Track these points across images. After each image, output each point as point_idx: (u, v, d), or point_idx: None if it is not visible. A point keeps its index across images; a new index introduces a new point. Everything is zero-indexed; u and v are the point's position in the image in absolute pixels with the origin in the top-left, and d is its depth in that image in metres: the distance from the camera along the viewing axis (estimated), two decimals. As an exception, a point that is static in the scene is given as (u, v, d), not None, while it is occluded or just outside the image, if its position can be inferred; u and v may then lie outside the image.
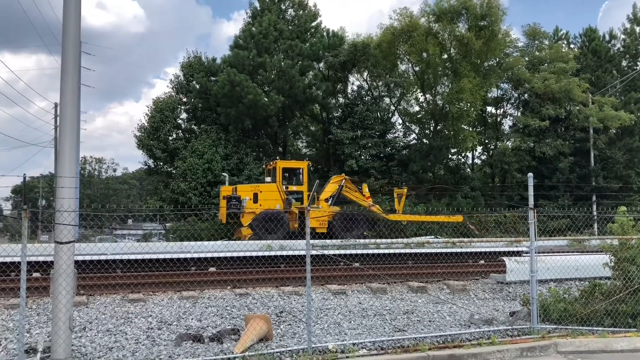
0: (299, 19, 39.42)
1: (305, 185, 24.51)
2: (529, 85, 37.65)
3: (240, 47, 36.52)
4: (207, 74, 37.90)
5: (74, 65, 6.75)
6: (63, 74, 6.69)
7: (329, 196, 24.45)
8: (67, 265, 6.49)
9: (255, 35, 36.11)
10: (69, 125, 6.69)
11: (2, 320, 8.14)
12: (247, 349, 6.97)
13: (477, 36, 34.17)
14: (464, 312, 9.43)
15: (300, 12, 39.66)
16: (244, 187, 24.62)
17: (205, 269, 11.93)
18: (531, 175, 8.72)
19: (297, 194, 24.24)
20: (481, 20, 34.97)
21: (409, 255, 13.90)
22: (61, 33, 6.77)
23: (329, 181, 25.70)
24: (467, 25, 35.64)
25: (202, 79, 37.16)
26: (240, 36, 37.94)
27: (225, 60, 37.33)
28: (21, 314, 6.26)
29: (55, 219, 6.50)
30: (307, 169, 24.95)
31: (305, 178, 24.66)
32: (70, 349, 6.52)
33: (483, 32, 34.59)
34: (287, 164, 26.01)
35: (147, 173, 41.28)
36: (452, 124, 36.04)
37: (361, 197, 25.26)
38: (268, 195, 23.36)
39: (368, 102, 38.39)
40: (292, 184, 24.49)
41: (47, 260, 10.51)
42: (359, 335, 7.86)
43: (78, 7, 6.80)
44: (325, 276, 11.38)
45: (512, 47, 40.09)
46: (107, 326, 7.99)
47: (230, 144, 35.41)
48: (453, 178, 37.83)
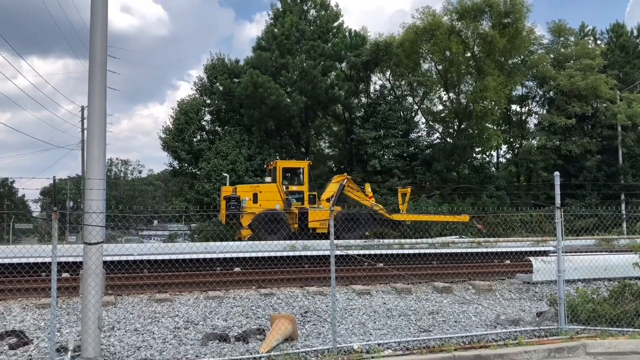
0: (320, 19, 39.48)
1: (306, 186, 24.05)
2: (555, 83, 37.13)
3: (263, 48, 36.72)
4: (231, 75, 38.20)
5: (101, 69, 6.87)
6: (91, 78, 6.82)
7: (330, 196, 24.14)
8: (95, 266, 6.61)
9: (278, 36, 36.27)
10: (97, 129, 6.81)
11: (34, 320, 8.31)
12: (272, 348, 7.00)
13: (501, 34, 33.81)
14: (490, 312, 9.34)
15: (322, 12, 39.73)
16: (244, 187, 24.31)
17: (230, 269, 12.01)
18: (557, 174, 8.60)
19: (297, 194, 23.81)
20: (505, 18, 34.59)
21: (434, 256, 13.82)
22: (87, 37, 6.90)
23: (330, 181, 25.45)
24: (491, 23, 35.29)
25: (225, 80, 37.45)
26: (262, 37, 38.17)
27: (248, 61, 37.59)
28: (52, 314, 6.38)
29: (84, 220, 6.61)
30: (307, 169, 24.47)
31: (306, 178, 24.19)
32: (100, 348, 6.63)
33: (507, 30, 34.20)
34: (288, 163, 25.55)
35: (172, 174, 41.79)
36: (476, 123, 35.71)
37: (363, 196, 24.88)
38: (268, 196, 23.01)
39: (391, 102, 38.25)
40: (293, 184, 24.10)
41: (76, 260, 10.70)
42: (384, 335, 7.84)
43: (105, 11, 6.92)
44: (349, 276, 11.37)
45: (537, 45, 39.61)
46: (134, 326, 8.10)
47: (253, 145, 35.62)
48: (478, 177, 37.48)
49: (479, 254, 14.14)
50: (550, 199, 14.73)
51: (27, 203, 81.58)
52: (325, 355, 6.91)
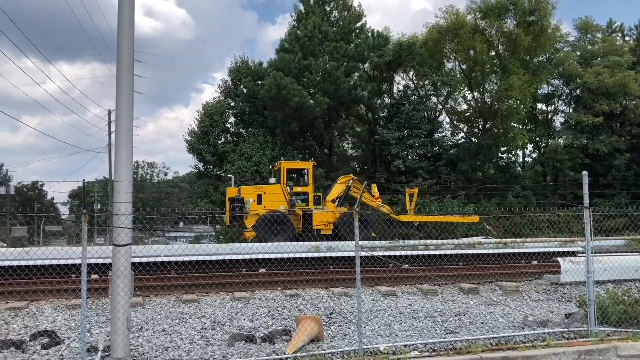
0: (343, 20, 39.51)
1: (311, 186, 23.82)
2: (581, 81, 36.54)
3: (286, 50, 36.89)
4: (254, 78, 38.47)
5: (129, 74, 6.97)
6: (118, 83, 6.92)
7: (335, 197, 23.85)
8: (124, 267, 6.70)
9: (301, 38, 36.41)
10: (125, 132, 6.91)
11: (65, 320, 8.47)
12: (298, 349, 7.03)
13: (526, 32, 33.42)
14: (517, 313, 9.24)
15: (344, 13, 39.76)
16: (248, 188, 24.17)
17: (256, 270, 12.08)
18: (586, 174, 8.47)
19: (302, 195, 23.59)
20: (530, 16, 34.18)
21: (460, 257, 13.71)
22: (114, 41, 7.02)
23: (336, 182, 25.18)
24: (515, 21, 34.91)
25: (249, 83, 37.72)
26: (285, 39, 38.35)
27: (271, 63, 37.80)
28: (83, 314, 6.50)
29: (112, 222, 6.71)
30: (312, 170, 24.23)
31: (310, 179, 23.97)
32: (129, 349, 6.72)
33: (532, 28, 33.80)
34: (292, 164, 25.34)
35: (198, 176, 42.23)
36: (501, 122, 35.35)
37: (370, 197, 24.50)
38: (272, 197, 22.73)
39: (414, 102, 38.08)
40: (298, 185, 23.89)
41: (105, 262, 10.87)
42: (410, 336, 7.81)
43: (132, 17, 7.03)
44: (374, 277, 11.34)
45: (563, 42, 39.10)
46: (162, 326, 8.20)
47: (277, 147, 35.80)
48: (503, 177, 37.08)
49: (505, 255, 14.00)
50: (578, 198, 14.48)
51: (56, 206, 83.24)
52: (351, 356, 6.91)
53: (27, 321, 8.36)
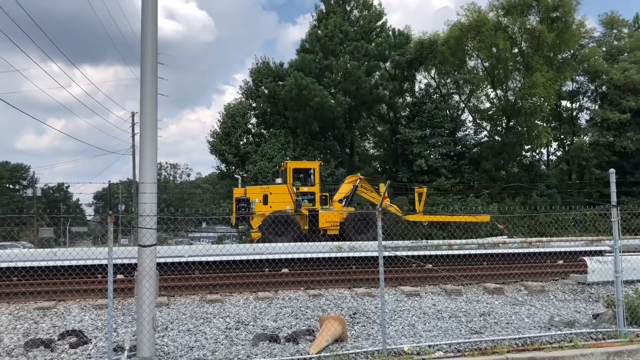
0: (363, 19, 39.47)
1: (317, 186, 23.55)
2: (607, 77, 35.94)
3: (307, 50, 36.96)
4: (275, 78, 38.61)
5: (152, 76, 7.05)
6: (142, 85, 7.00)
7: (342, 197, 23.58)
8: (149, 268, 6.78)
9: (321, 38, 36.44)
10: (149, 134, 6.99)
11: (92, 320, 8.60)
12: (322, 349, 7.03)
13: (550, 28, 32.99)
14: (543, 313, 9.12)
15: (365, 12, 39.70)
16: (254, 188, 23.99)
17: (279, 270, 12.12)
18: (613, 171, 8.32)
19: (309, 195, 23.36)
20: (553, 12, 33.73)
21: (484, 256, 13.58)
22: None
23: (343, 181, 24.92)
24: (539, 18, 34.49)
25: (270, 83, 37.88)
26: (306, 40, 38.43)
27: (292, 64, 37.91)
28: (109, 314, 6.59)
29: (138, 223, 6.79)
30: (318, 169, 23.98)
31: (317, 178, 23.68)
32: (155, 348, 6.80)
33: (556, 24, 33.36)
34: (298, 164, 25.15)
35: (220, 177, 42.56)
36: (525, 120, 34.96)
37: (378, 197, 24.06)
38: (278, 197, 22.55)
39: (436, 100, 37.84)
40: (304, 185, 23.70)
41: (130, 262, 11.00)
42: (434, 337, 7.76)
43: (155, 21, 7.11)
44: (397, 277, 11.29)
45: (588, 38, 38.48)
46: (187, 326, 8.28)
47: (298, 147, 35.89)
48: (527, 176, 36.65)
49: (530, 254, 13.82)
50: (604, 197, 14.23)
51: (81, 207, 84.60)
52: (375, 356, 6.90)
53: (56, 321, 8.50)
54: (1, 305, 9.27)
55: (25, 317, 8.63)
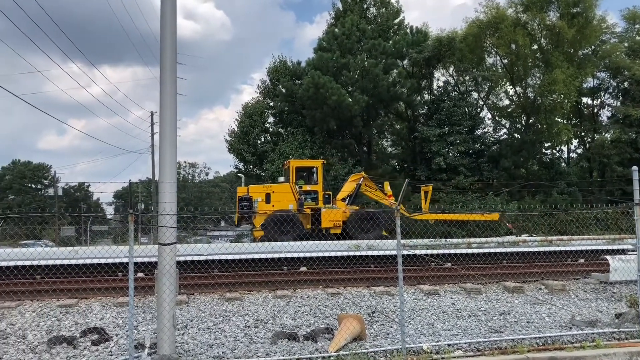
0: (381, 17, 39.34)
1: (320, 185, 23.25)
2: (629, 73, 35.39)
3: (324, 49, 36.94)
4: (293, 77, 38.65)
5: (171, 77, 7.10)
6: (162, 86, 7.06)
7: (346, 195, 23.35)
8: (170, 266, 6.83)
9: (339, 36, 36.40)
10: (169, 134, 7.04)
11: (113, 317, 8.71)
12: (341, 348, 7.03)
13: (570, 24, 32.57)
14: (565, 313, 9.02)
15: (382, 10, 39.55)
16: (257, 187, 23.89)
17: (297, 268, 12.15)
18: (636, 169, 8.19)
19: (312, 193, 23.09)
20: (574, 7, 33.30)
21: (504, 255, 13.48)
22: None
23: (347, 180, 24.67)
24: (559, 14, 34.08)
25: (287, 82, 37.94)
26: (323, 38, 38.41)
27: (309, 63, 37.92)
28: (130, 312, 6.66)
29: (158, 221, 6.85)
30: (321, 168, 23.70)
31: (320, 177, 23.43)
32: (175, 346, 6.86)
33: (576, 20, 32.93)
34: (301, 162, 24.96)
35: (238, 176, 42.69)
36: (544, 117, 34.58)
37: (382, 195, 23.89)
38: (281, 196, 22.36)
39: (455, 98, 37.58)
40: (307, 184, 23.38)
41: (150, 261, 11.10)
42: (453, 336, 7.72)
43: (174, 22, 7.16)
44: (416, 276, 11.26)
45: (609, 34, 37.94)
46: (207, 324, 8.34)
47: (316, 146, 35.90)
48: (547, 174, 36.25)
49: (551, 253, 13.70)
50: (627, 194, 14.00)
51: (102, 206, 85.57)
52: (394, 355, 6.88)
53: (78, 318, 8.62)
54: (25, 302, 9.43)
55: (49, 315, 8.76)
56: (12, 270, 11.01)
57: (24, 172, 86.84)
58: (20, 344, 7.46)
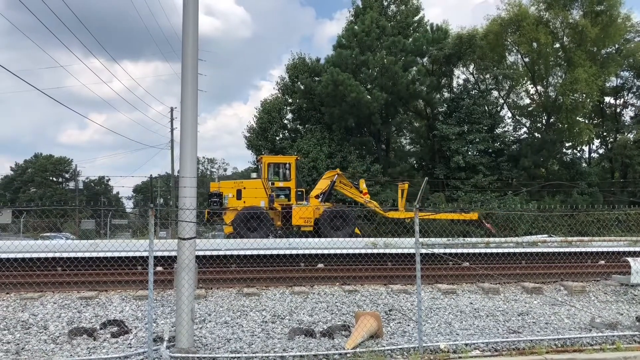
0: (401, 14, 39.16)
1: (293, 181, 22.97)
2: (654, 72, 34.83)
3: (343, 46, 36.89)
4: (311, 74, 38.68)
5: (193, 73, 7.16)
6: (183, 82, 7.13)
7: (319, 192, 22.95)
8: (189, 260, 6.91)
9: (358, 33, 36.32)
10: (190, 130, 7.11)
11: (132, 310, 8.81)
12: (357, 345, 7.05)
13: (593, 22, 32.13)
14: (584, 314, 8.93)
15: (402, 7, 39.37)
16: (228, 183, 23.57)
17: (314, 265, 12.18)
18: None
19: (284, 190, 22.84)
20: (597, 5, 32.85)
21: (523, 255, 13.37)
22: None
23: (322, 177, 24.33)
24: (582, 12, 33.65)
25: (306, 79, 37.96)
26: (343, 35, 38.35)
27: (328, 60, 37.91)
28: (150, 305, 6.75)
29: (178, 216, 6.93)
30: (295, 164, 23.35)
31: (293, 173, 23.08)
32: (193, 339, 6.94)
33: (600, 18, 32.49)
34: (274, 159, 24.60)
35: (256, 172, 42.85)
36: (566, 117, 34.18)
37: (357, 193, 23.60)
38: (252, 192, 21.98)
39: (475, 96, 37.29)
40: (280, 180, 23.16)
41: (170, 255, 11.21)
42: (471, 335, 7.69)
43: (196, 19, 7.22)
44: (434, 275, 11.21)
45: (634, 32, 37.34)
46: (224, 318, 8.40)
47: (334, 143, 35.90)
48: (568, 173, 35.83)
49: (571, 254, 13.54)
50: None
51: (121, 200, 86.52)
52: (411, 353, 6.88)
53: (98, 310, 8.75)
54: (47, 293, 9.59)
55: (69, 306, 8.90)
56: (34, 262, 11.20)
57: (46, 166, 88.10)
58: (42, 335, 7.60)
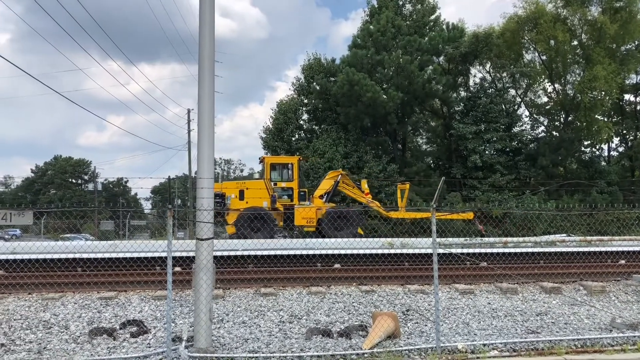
0: (416, 13, 39.03)
1: (296, 182, 22.91)
2: (676, 69, 34.29)
3: (359, 46, 36.85)
4: (327, 74, 38.68)
5: (210, 78, 7.20)
6: (200, 85, 7.17)
7: (323, 193, 22.84)
8: (207, 261, 6.96)
9: (374, 33, 36.27)
10: (207, 131, 7.16)
11: (151, 310, 8.90)
12: (375, 345, 7.05)
13: (612, 19, 31.74)
14: (604, 315, 8.83)
15: (417, 6, 39.23)
16: (230, 183, 23.60)
17: (331, 265, 12.19)
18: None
19: (287, 190, 22.82)
20: (617, 2, 32.45)
21: (541, 255, 13.25)
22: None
23: (325, 177, 24.22)
24: (601, 8, 33.25)
25: (322, 80, 37.97)
26: (358, 35, 38.32)
27: (344, 60, 37.90)
28: (168, 305, 6.81)
29: (196, 217, 6.98)
30: (297, 164, 23.30)
31: (295, 174, 23.03)
32: (211, 339, 6.98)
33: (619, 15, 32.07)
34: (276, 159, 24.54)
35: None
36: (584, 115, 33.79)
37: (359, 193, 23.51)
38: (255, 193, 21.94)
39: (492, 95, 37.00)
40: (282, 180, 23.10)
41: (187, 255, 11.30)
42: (489, 336, 7.65)
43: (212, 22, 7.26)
44: (451, 275, 11.16)
45: (655, 28, 36.68)
46: (242, 318, 8.45)
47: (349, 143, 35.87)
48: (587, 172, 35.41)
49: (590, 253, 13.40)
50: (671, 194, 13.55)
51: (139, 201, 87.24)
52: (428, 353, 6.87)
53: (117, 310, 8.84)
54: (67, 293, 9.72)
55: (90, 307, 9.01)
56: (55, 263, 11.37)
57: (65, 168, 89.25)
58: (64, 334, 7.71)
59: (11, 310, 8.73)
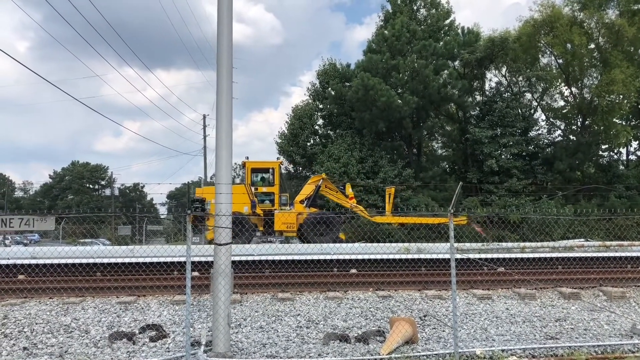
0: (431, 18, 38.94)
1: (277, 187, 22.61)
2: (695, 72, 33.76)
3: (374, 51, 36.85)
4: (342, 79, 38.71)
5: (228, 85, 7.29)
6: (218, 93, 7.26)
7: (304, 198, 22.58)
8: (225, 265, 7.02)
9: (388, 38, 36.26)
10: (225, 139, 7.24)
11: (170, 315, 8.98)
12: (393, 350, 7.06)
13: (630, 22, 31.41)
14: (625, 321, 8.75)
15: (432, 11, 39.16)
16: (210, 188, 22.74)
17: (347, 270, 12.20)
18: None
19: (268, 195, 22.53)
20: (635, 4, 32.12)
21: (559, 260, 13.15)
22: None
23: (307, 182, 24.03)
24: (618, 11, 32.94)
25: (336, 85, 38.02)
26: (373, 40, 38.33)
27: (358, 65, 37.91)
28: (187, 310, 6.87)
29: (215, 222, 7.05)
30: (278, 169, 23.03)
31: (277, 179, 22.74)
32: (229, 344, 7.04)
33: (637, 17, 31.76)
34: (257, 164, 23.98)
35: (288, 178, 43.09)
36: (602, 118, 33.46)
37: (343, 197, 23.29)
38: (235, 198, 21.75)
39: (508, 99, 36.74)
40: (264, 185, 22.88)
41: (205, 260, 11.38)
42: (507, 341, 7.62)
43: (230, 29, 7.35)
44: (469, 280, 11.12)
45: (673, 31, 36.25)
46: (259, 323, 8.50)
47: (365, 148, 35.84)
48: (605, 176, 35.00)
49: (609, 259, 13.27)
50: (692, 199, 13.35)
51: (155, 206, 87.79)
52: (446, 359, 6.86)
53: (136, 315, 8.94)
54: (87, 298, 9.84)
55: (109, 311, 9.12)
56: (76, 268, 11.52)
57: (83, 173, 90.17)
58: (84, 339, 7.81)
59: (33, 315, 8.87)
